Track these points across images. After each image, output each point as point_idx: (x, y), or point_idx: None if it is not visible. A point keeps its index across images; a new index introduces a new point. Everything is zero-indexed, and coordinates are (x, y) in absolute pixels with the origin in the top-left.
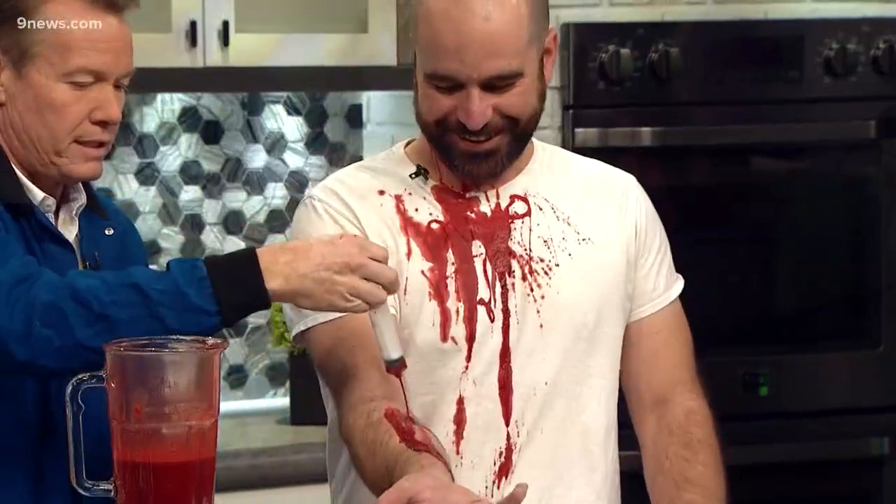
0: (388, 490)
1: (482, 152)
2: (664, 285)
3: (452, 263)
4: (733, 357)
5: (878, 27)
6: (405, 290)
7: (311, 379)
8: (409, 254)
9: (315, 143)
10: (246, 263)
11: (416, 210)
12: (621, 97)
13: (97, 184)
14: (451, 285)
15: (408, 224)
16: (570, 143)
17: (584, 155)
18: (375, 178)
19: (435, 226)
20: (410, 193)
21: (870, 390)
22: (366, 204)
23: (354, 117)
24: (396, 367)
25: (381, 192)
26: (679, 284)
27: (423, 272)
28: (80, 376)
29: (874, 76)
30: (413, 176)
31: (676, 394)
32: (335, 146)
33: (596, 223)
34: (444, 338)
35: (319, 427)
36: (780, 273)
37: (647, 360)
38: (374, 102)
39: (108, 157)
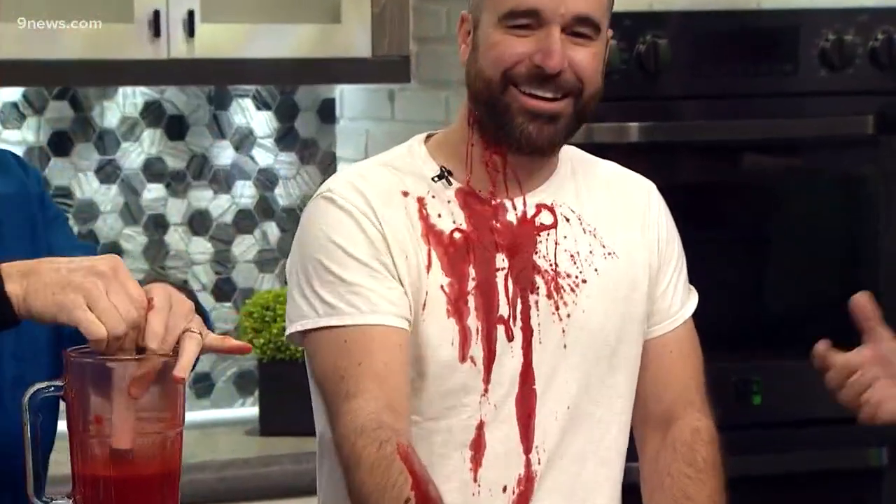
0: None
1: (547, 112)
2: (680, 302)
3: (473, 279)
4: (725, 364)
5: (876, 18)
6: (423, 305)
7: (282, 388)
8: (428, 266)
9: (285, 139)
10: None
11: (440, 216)
12: (607, 91)
13: (54, 178)
14: (472, 302)
15: (430, 232)
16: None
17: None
18: (398, 176)
19: (457, 235)
20: (434, 196)
21: None
22: (389, 205)
23: (327, 112)
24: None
25: (406, 194)
26: (694, 300)
27: (442, 287)
28: (38, 385)
29: (872, 69)
30: (436, 179)
31: (685, 414)
32: (307, 142)
33: (620, 236)
34: (463, 358)
35: (290, 438)
36: (773, 275)
37: (658, 379)
38: (348, 96)
39: (66, 153)
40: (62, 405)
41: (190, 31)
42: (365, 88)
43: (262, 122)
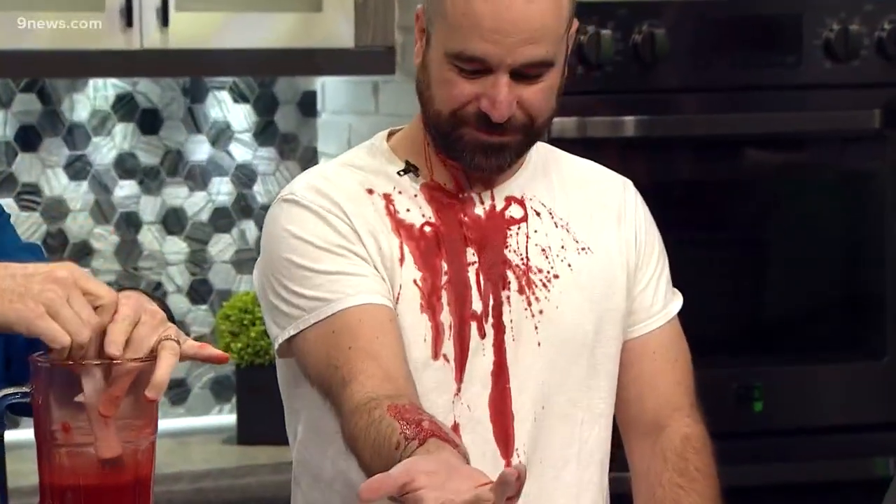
0: (370, 478)
1: (495, 144)
2: (663, 301)
3: (445, 273)
4: (724, 370)
5: (883, 6)
6: (398, 299)
7: (260, 394)
8: (402, 259)
9: (264, 133)
10: None
11: (408, 210)
12: (601, 83)
13: (22, 175)
14: (444, 297)
15: (400, 226)
16: (545, 135)
17: (561, 147)
18: (361, 175)
19: (428, 229)
20: (400, 192)
21: (873, 405)
22: (356, 203)
23: (308, 105)
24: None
25: (370, 192)
26: (678, 300)
27: (415, 281)
28: (5, 391)
29: (879, 60)
30: (402, 173)
31: (673, 419)
32: (287, 137)
33: (596, 232)
34: (436, 355)
35: (268, 447)
36: (775, 277)
37: (643, 382)
38: (330, 89)
39: (33, 148)
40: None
41: (164, 19)
42: (348, 80)
43: (239, 116)
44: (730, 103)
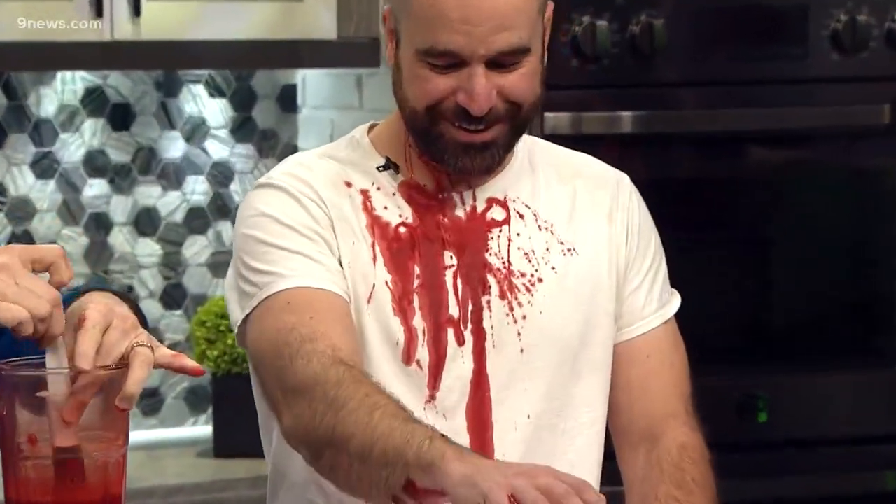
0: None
1: (479, 143)
2: (658, 301)
3: (418, 276)
4: (726, 378)
5: None
6: (370, 298)
7: (238, 404)
8: (374, 259)
9: (242, 129)
10: None
11: (385, 208)
12: (597, 77)
13: None
14: (416, 301)
15: (375, 223)
16: (538, 130)
17: (556, 143)
18: (340, 167)
19: (403, 230)
20: (378, 188)
21: (883, 416)
22: (334, 192)
23: (287, 100)
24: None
25: (349, 185)
26: (675, 301)
27: (386, 283)
28: None
29: (889, 53)
30: (382, 168)
31: (669, 428)
32: (265, 133)
33: (582, 231)
34: (409, 360)
35: (246, 460)
36: (779, 279)
37: (636, 388)
38: (311, 82)
39: None
40: None
41: (136, 9)
42: (330, 73)
43: (215, 111)
44: (732, 98)
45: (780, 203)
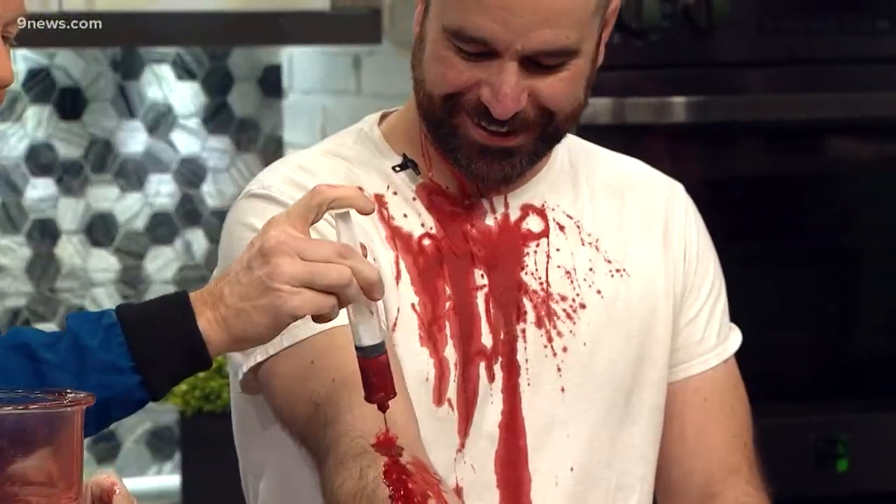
0: None
1: (498, 149)
2: (717, 336)
3: (449, 298)
4: (800, 419)
5: None
6: (394, 325)
7: (210, 449)
8: (398, 277)
9: (215, 119)
10: (173, 301)
11: (405, 216)
12: (643, 56)
13: None
14: (448, 328)
15: (396, 235)
16: (567, 134)
17: (592, 136)
18: (348, 168)
19: (427, 242)
20: (395, 193)
21: None
22: None
23: (271, 83)
24: (372, 358)
25: (360, 189)
26: (736, 337)
27: (413, 306)
28: None
29: None
30: (398, 168)
31: (728, 487)
32: (244, 123)
33: (633, 250)
34: (440, 400)
35: None
36: (865, 300)
37: (690, 437)
38: (299, 62)
39: None
40: None
41: None
42: (322, 52)
43: (184, 97)
44: (806, 81)
45: (866, 206)
